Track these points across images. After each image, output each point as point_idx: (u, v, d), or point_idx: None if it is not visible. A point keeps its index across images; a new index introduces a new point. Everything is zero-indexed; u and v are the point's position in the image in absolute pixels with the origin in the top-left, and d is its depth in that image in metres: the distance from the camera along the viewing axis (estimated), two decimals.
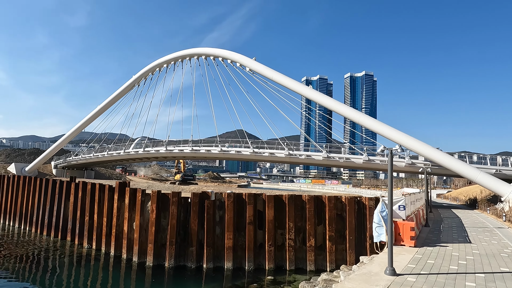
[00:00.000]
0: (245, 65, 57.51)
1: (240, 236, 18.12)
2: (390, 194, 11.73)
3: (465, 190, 72.45)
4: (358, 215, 18.64)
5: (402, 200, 18.03)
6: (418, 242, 18.03)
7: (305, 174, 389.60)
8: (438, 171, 44.32)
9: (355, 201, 18.37)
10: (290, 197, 18.06)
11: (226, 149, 53.99)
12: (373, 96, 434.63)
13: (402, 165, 45.16)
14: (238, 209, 18.30)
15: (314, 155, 48.95)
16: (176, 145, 60.25)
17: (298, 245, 18.17)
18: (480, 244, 17.96)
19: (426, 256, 14.56)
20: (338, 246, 18.16)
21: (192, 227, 17.87)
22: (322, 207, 18.49)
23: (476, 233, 21.95)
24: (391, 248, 11.55)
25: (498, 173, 40.91)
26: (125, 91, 72.89)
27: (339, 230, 18.34)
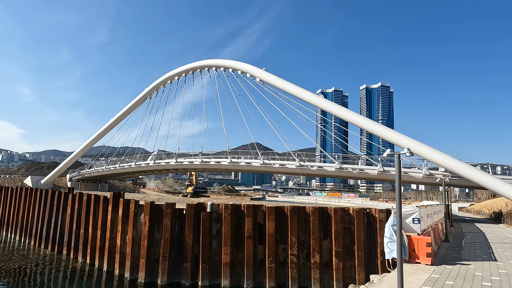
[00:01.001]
0: (255, 76, 56.83)
1: (239, 251, 16.76)
2: (398, 202, 10.25)
3: (489, 203, 68.58)
4: (368, 229, 17.02)
5: (417, 212, 16.32)
6: (436, 260, 16.20)
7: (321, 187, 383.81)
8: (458, 182, 41.77)
9: (364, 213, 16.80)
10: (292, 209, 16.66)
11: (236, 161, 52.90)
12: (389, 108, 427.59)
13: (419, 176, 42.87)
14: (237, 222, 17.02)
15: (326, 166, 47.22)
16: (186, 157, 59.65)
17: (302, 261, 16.64)
18: (507, 262, 15.98)
19: (445, 276, 12.83)
20: (346, 263, 16.53)
21: (187, 241, 16.67)
22: (327, 220, 16.99)
23: (502, 250, 19.83)
24: (401, 269, 10.00)
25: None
26: (137, 104, 73.38)
27: (346, 246, 16.74)
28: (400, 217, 10.14)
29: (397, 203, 10.30)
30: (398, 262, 10.13)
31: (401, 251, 10.14)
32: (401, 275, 9.96)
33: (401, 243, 10.17)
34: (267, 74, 55.31)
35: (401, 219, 10.17)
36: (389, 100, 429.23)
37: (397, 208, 10.25)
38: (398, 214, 10.15)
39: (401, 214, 10.20)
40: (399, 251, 10.13)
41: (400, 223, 10.15)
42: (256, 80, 57.16)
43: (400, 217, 10.12)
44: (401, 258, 10.12)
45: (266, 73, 55.62)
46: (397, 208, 10.25)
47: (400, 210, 10.20)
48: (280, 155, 54.92)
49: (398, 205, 10.25)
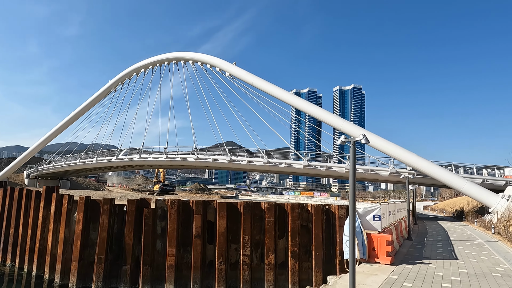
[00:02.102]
0: (225, 70, 55.09)
1: (186, 252, 15.12)
2: (352, 193, 9.03)
3: (452, 201, 70.54)
4: (327, 227, 15.87)
5: (378, 209, 15.32)
6: (396, 259, 15.30)
7: (295, 186, 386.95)
8: (423, 180, 42.07)
9: (323, 210, 15.61)
10: (246, 205, 15.20)
11: (203, 157, 50.94)
12: (361, 109, 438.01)
13: (386, 174, 42.82)
14: (184, 220, 15.35)
15: (294, 164, 46.31)
16: (151, 153, 56.99)
17: (255, 262, 15.23)
18: (468, 260, 15.34)
19: (403, 277, 11.82)
20: (302, 263, 15.28)
21: (126, 241, 14.83)
22: (284, 217, 15.67)
23: (463, 248, 19.37)
24: (353, 272, 8.77)
25: (485, 183, 38.81)
26: (101, 96, 69.61)
27: (304, 245, 15.49)
28: (353, 210, 8.92)
29: (351, 195, 9.08)
30: (350, 264, 8.90)
31: (353, 251, 8.92)
32: (353, 279, 8.74)
33: (354, 241, 8.95)
34: (237, 68, 53.74)
35: (354, 212, 8.95)
36: (361, 102, 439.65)
37: (350, 201, 9.03)
38: (351, 207, 8.93)
39: (354, 207, 8.98)
40: (351, 251, 8.91)
41: (353, 217, 8.93)
42: (226, 74, 55.44)
43: (353, 210, 8.90)
44: (353, 260, 8.90)
45: (236, 67, 54.03)
46: (350, 201, 9.03)
47: (354, 203, 8.98)
48: (250, 152, 53.59)
49: (352, 197, 9.03)
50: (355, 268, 13.89)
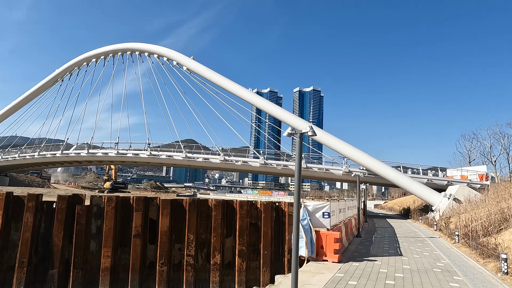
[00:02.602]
0: (182, 64, 53.32)
1: (124, 253, 13.86)
2: (297, 187, 8.52)
3: (400, 200, 74.33)
4: (276, 225, 15.38)
5: (327, 206, 15.14)
6: (344, 256, 15.23)
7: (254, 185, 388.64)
8: (374, 180, 43.56)
9: (273, 208, 15.09)
10: (192, 202, 14.29)
11: (156, 153, 48.85)
12: (320, 111, 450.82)
13: (339, 173, 43.78)
14: (123, 218, 14.08)
15: (251, 162, 45.86)
16: (100, 148, 53.66)
17: (200, 263, 14.36)
18: (411, 257, 15.67)
19: (349, 274, 11.62)
20: (250, 263, 14.66)
21: (55, 242, 13.27)
22: (232, 215, 14.95)
23: (408, 244, 19.95)
24: (296, 273, 8.26)
25: (430, 183, 41.00)
26: (46, 86, 64.40)
27: (252, 243, 14.88)
28: (298, 203, 8.42)
29: (296, 189, 8.57)
30: (292, 264, 8.38)
31: (296, 250, 8.42)
32: (295, 280, 8.23)
33: (298, 237, 8.45)
34: (195, 63, 52.24)
35: (299, 206, 8.45)
36: (319, 104, 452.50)
37: (295, 194, 8.51)
38: (296, 201, 8.41)
39: (299, 201, 8.48)
40: (295, 250, 8.40)
41: (298, 212, 8.42)
42: (183, 68, 53.69)
43: (298, 203, 8.40)
44: (296, 258, 8.38)
45: (194, 61, 52.50)
46: (295, 195, 8.51)
47: (299, 196, 8.48)
48: (207, 150, 52.33)
49: (297, 192, 8.52)
50: (303, 266, 13.59)
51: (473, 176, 43.48)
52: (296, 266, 8.32)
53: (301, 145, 8.73)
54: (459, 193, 35.11)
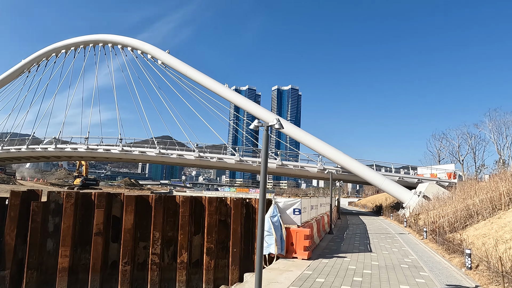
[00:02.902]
0: (157, 57, 51.94)
1: (84, 252, 13.11)
2: (263, 183, 8.19)
3: (372, 198, 76.04)
4: (246, 222, 15.04)
5: (298, 202, 14.94)
6: (314, 253, 15.11)
7: (231, 182, 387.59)
8: (348, 177, 44.12)
9: (243, 204, 14.73)
10: (158, 199, 13.68)
11: (129, 149, 47.40)
12: (297, 109, 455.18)
13: (314, 170, 44.02)
14: (84, 215, 13.30)
15: (226, 158, 45.34)
16: (69, 143, 51.49)
17: (167, 261, 13.80)
18: (381, 253, 15.77)
19: (318, 272, 11.44)
20: (219, 261, 14.25)
21: (7, 241, 12.34)
22: (201, 212, 14.47)
23: (378, 240, 20.16)
24: (260, 271, 7.93)
25: (401, 181, 41.96)
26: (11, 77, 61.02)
27: (221, 241, 14.46)
28: (264, 199, 8.08)
29: (261, 183, 8.24)
30: (256, 263, 8.05)
31: (261, 248, 8.09)
32: (259, 279, 7.90)
33: (262, 234, 8.11)
34: (170, 57, 51.01)
35: (264, 202, 8.11)
36: (297, 102, 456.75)
37: (260, 190, 8.18)
38: (262, 197, 8.08)
39: (264, 196, 8.15)
40: (259, 248, 8.07)
41: (263, 208, 8.09)
42: (158, 62, 52.32)
43: (263, 199, 8.06)
44: (260, 258, 8.06)
45: (169, 55, 51.26)
46: (260, 190, 8.18)
47: (264, 192, 8.15)
48: (182, 146, 51.30)
49: (262, 186, 8.20)
50: (272, 264, 13.33)
51: (442, 174, 44.90)
52: (260, 265, 8.00)
53: (267, 138, 8.40)
54: (428, 190, 36.09)
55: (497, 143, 55.73)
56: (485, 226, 18.64)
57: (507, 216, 18.59)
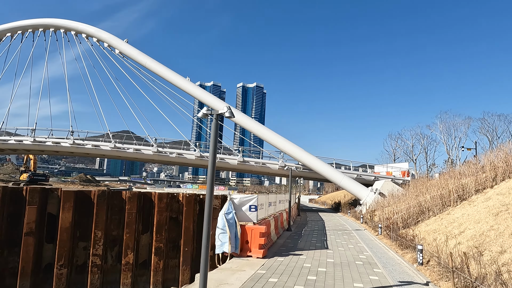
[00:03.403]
0: (114, 46, 49.17)
1: (12, 254, 11.61)
2: (210, 176, 7.46)
3: (332, 195, 77.90)
4: (200, 219, 14.21)
5: (254, 199, 14.37)
6: (270, 251, 14.65)
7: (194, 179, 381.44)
8: (308, 174, 44.55)
9: (196, 200, 13.90)
10: (101, 194, 12.47)
11: (81, 143, 44.47)
12: (262, 107, 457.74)
13: (275, 167, 43.95)
14: (13, 212, 11.79)
15: (186, 154, 43.94)
16: (13, 135, 47.34)
17: (110, 263, 12.64)
18: (337, 250, 15.65)
19: (272, 271, 10.92)
20: (169, 261, 13.31)
21: None
22: (150, 209, 13.42)
23: (335, 237, 20.19)
24: (204, 274, 7.22)
25: (359, 178, 43.05)
26: None
27: (172, 240, 13.53)
28: (211, 194, 7.36)
29: (209, 176, 7.51)
30: (202, 264, 7.33)
31: (207, 247, 7.39)
32: (204, 281, 7.18)
33: (209, 233, 7.41)
34: (129, 46, 48.50)
35: (211, 196, 7.39)
36: (262, 100, 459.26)
37: (208, 184, 7.45)
38: (209, 191, 7.35)
39: (212, 190, 7.44)
40: (205, 246, 7.36)
41: (210, 204, 7.37)
42: (115, 52, 49.57)
43: (210, 193, 7.34)
44: (206, 258, 7.35)
45: (128, 45, 48.72)
46: (208, 184, 7.45)
47: (212, 186, 7.43)
48: (140, 140, 49.02)
49: (210, 180, 7.47)
50: (224, 264, 12.65)
51: (397, 173, 46.73)
52: (205, 267, 7.28)
53: (217, 127, 7.68)
54: (384, 187, 37.24)
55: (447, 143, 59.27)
56: (435, 222, 19.26)
57: (455, 212, 19.35)
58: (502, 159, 21.96)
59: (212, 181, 7.52)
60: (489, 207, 16.69)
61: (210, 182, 7.50)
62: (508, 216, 13.96)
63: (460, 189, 22.00)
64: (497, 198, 17.74)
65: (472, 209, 18.09)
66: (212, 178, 7.52)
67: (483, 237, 12.92)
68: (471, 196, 20.80)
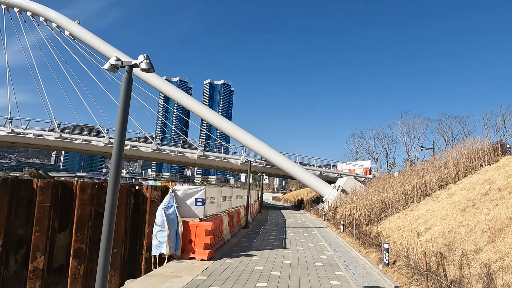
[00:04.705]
0: (64, 28, 44.80)
1: None
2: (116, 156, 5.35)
3: (295, 193, 77.36)
4: (135, 214, 11.94)
5: (202, 191, 12.25)
6: (220, 251, 12.63)
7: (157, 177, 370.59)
8: (271, 171, 43.01)
9: (130, 192, 11.58)
10: (2, 182, 9.82)
11: (21, 131, 39.83)
12: (229, 104, 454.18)
13: (238, 162, 41.99)
14: None
15: (141, 146, 40.77)
16: None
17: (13, 269, 10.11)
18: (295, 249, 13.98)
19: (214, 277, 8.93)
20: (92, 265, 10.93)
21: None
22: (70, 202, 10.92)
23: (295, 235, 18.61)
24: None
25: (322, 175, 42.18)
26: None
27: (97, 240, 11.06)
28: (116, 181, 5.26)
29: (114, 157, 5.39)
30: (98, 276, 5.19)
31: (106, 249, 5.28)
32: None
33: (110, 232, 5.29)
34: (80, 28, 44.30)
35: (117, 186, 5.28)
36: (229, 97, 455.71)
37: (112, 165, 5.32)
38: (112, 181, 5.24)
39: (117, 177, 5.33)
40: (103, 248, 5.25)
41: (114, 196, 5.25)
42: (65, 33, 45.19)
43: (115, 181, 5.23)
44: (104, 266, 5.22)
45: (79, 26, 44.50)
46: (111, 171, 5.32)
47: (117, 175, 5.32)
48: (100, 133, 44.96)
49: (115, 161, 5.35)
50: (158, 268, 10.49)
51: (359, 170, 46.49)
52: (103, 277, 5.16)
53: (129, 83, 5.56)
54: (346, 184, 36.52)
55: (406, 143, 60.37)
56: (399, 219, 18.24)
57: (419, 208, 18.45)
58: (465, 154, 21.51)
59: (117, 167, 5.40)
60: (454, 203, 15.79)
61: (115, 167, 5.38)
62: (476, 212, 12.98)
63: (423, 185, 21.30)
64: (461, 193, 16.94)
65: (437, 205, 17.20)
66: (118, 163, 5.40)
67: (452, 234, 11.76)
68: (435, 192, 20.07)
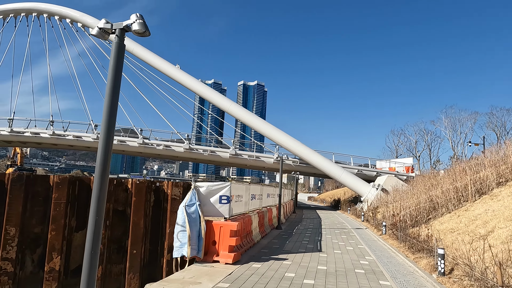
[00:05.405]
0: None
1: None
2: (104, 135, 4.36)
3: (332, 192, 74.73)
4: (155, 213, 11.11)
5: (227, 187, 11.18)
6: (247, 254, 11.48)
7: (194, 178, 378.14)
8: (306, 169, 41.35)
9: (150, 189, 10.76)
10: (16, 179, 9.36)
11: (61, 133, 41.39)
12: (263, 105, 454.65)
13: (270, 161, 40.79)
14: None
15: (174, 146, 40.83)
16: None
17: (30, 269, 9.59)
18: (332, 253, 12.51)
19: (237, 284, 7.80)
20: (112, 267, 10.21)
21: None
22: (87, 199, 10.27)
23: (332, 236, 17.07)
24: None
25: (360, 173, 39.88)
26: None
27: (116, 239, 10.41)
28: (104, 174, 4.28)
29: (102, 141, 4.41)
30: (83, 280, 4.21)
31: (90, 252, 4.29)
32: None
33: (97, 231, 4.29)
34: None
35: (106, 178, 4.30)
36: (263, 98, 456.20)
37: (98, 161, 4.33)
38: (99, 173, 4.25)
39: (105, 169, 4.34)
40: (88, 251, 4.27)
41: (101, 190, 4.27)
42: None
43: (102, 173, 4.25)
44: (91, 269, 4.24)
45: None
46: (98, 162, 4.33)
47: (105, 167, 4.32)
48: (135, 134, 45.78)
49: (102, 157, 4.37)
50: (178, 272, 9.53)
51: (400, 168, 43.55)
52: None
53: (120, 49, 4.58)
54: (387, 183, 34.09)
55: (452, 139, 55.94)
56: (451, 220, 16.09)
57: (475, 207, 16.17)
58: None
59: (105, 158, 4.40)
60: None
61: (102, 159, 4.39)
62: None
63: (478, 181, 18.85)
64: None
65: (498, 204, 14.90)
66: (106, 152, 4.40)
67: None
68: (493, 190, 17.60)
